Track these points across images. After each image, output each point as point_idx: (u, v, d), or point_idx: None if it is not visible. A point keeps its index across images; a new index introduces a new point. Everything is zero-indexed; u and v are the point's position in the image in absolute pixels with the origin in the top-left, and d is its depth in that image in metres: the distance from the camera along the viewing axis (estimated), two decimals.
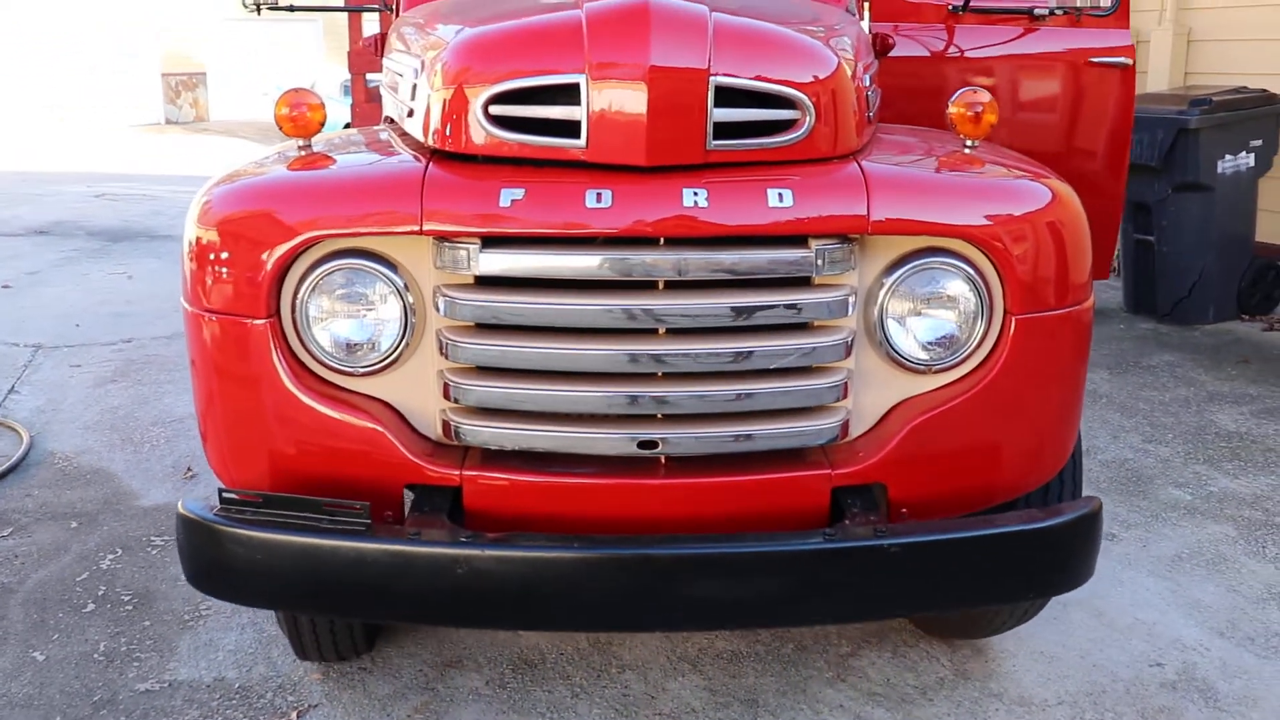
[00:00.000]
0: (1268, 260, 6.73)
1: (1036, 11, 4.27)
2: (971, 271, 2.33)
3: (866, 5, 4.31)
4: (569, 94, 2.21)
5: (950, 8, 4.14)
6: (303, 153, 2.40)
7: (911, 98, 3.70)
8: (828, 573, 2.21)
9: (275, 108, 2.40)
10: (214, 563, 2.24)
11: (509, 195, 2.18)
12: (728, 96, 2.23)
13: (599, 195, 2.18)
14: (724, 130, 2.25)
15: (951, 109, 2.51)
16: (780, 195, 2.22)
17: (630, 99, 2.19)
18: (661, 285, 2.24)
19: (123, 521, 3.85)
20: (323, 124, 2.42)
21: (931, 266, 2.32)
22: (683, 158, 2.24)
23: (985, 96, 2.49)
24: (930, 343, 2.36)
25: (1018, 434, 2.44)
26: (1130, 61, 4.60)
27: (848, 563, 2.20)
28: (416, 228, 2.18)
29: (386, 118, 3.14)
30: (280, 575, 2.22)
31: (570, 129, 2.22)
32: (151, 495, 4.07)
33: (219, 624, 3.17)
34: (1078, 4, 4.37)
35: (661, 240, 2.21)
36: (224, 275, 2.27)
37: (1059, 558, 2.33)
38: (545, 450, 2.29)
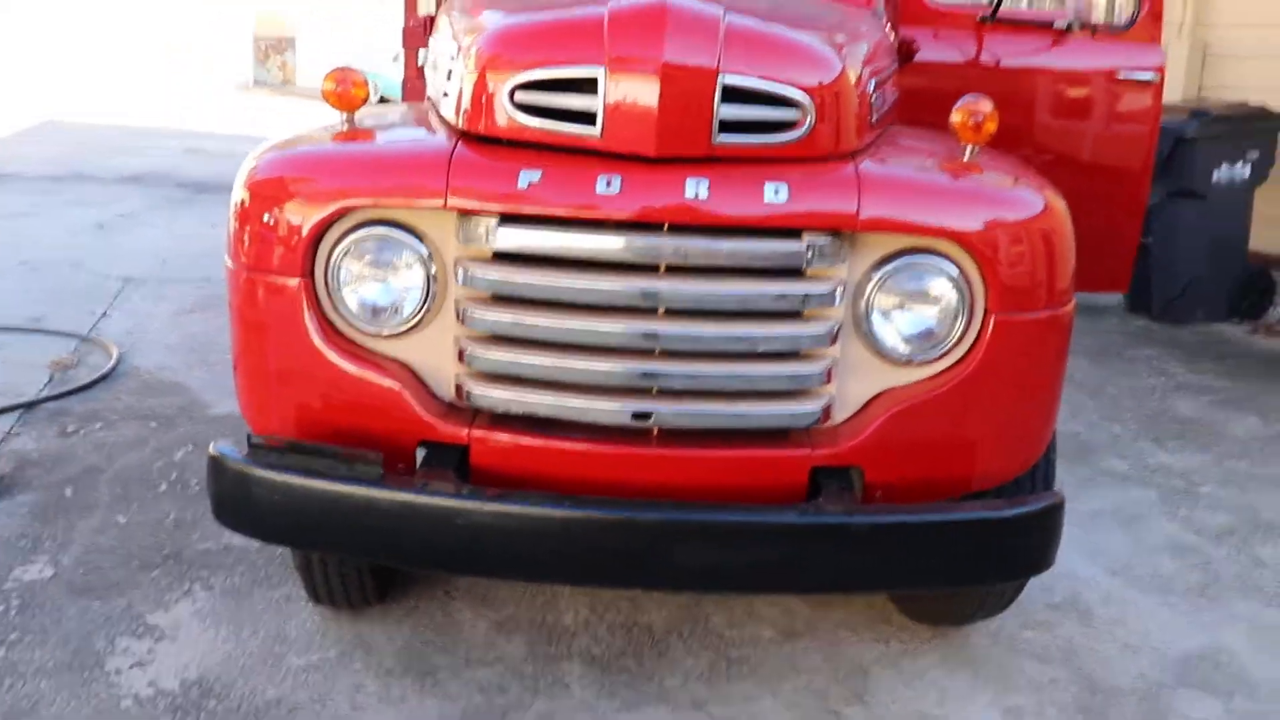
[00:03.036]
0: (1260, 267, 7.11)
1: (1056, 24, 4.48)
2: (955, 271, 2.46)
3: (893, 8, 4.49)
4: (588, 85, 2.38)
5: (979, 17, 4.24)
6: (346, 126, 2.60)
7: (941, 100, 3.87)
8: (798, 546, 2.36)
9: (322, 83, 2.61)
10: (239, 500, 2.45)
11: (527, 177, 2.35)
12: (734, 94, 2.38)
13: (609, 181, 2.34)
14: (729, 126, 2.40)
15: (954, 116, 2.61)
16: (776, 190, 2.37)
17: (643, 93, 2.34)
18: (663, 268, 2.40)
19: (195, 425, 4.52)
20: (365, 100, 2.61)
21: (917, 264, 2.45)
22: (689, 150, 2.39)
23: (987, 105, 2.59)
24: (911, 336, 2.50)
25: (992, 427, 2.57)
26: (1158, 78, 4.51)
27: (817, 537, 2.35)
28: (441, 202, 2.36)
29: (428, 96, 3.50)
30: (297, 515, 2.41)
31: (587, 118, 2.39)
32: (220, 407, 4.72)
33: None
34: (1095, 20, 4.51)
35: (665, 226, 2.37)
36: (264, 236, 2.47)
37: (1020, 545, 2.50)
38: (547, 416, 2.46)
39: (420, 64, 4.83)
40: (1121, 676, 3.07)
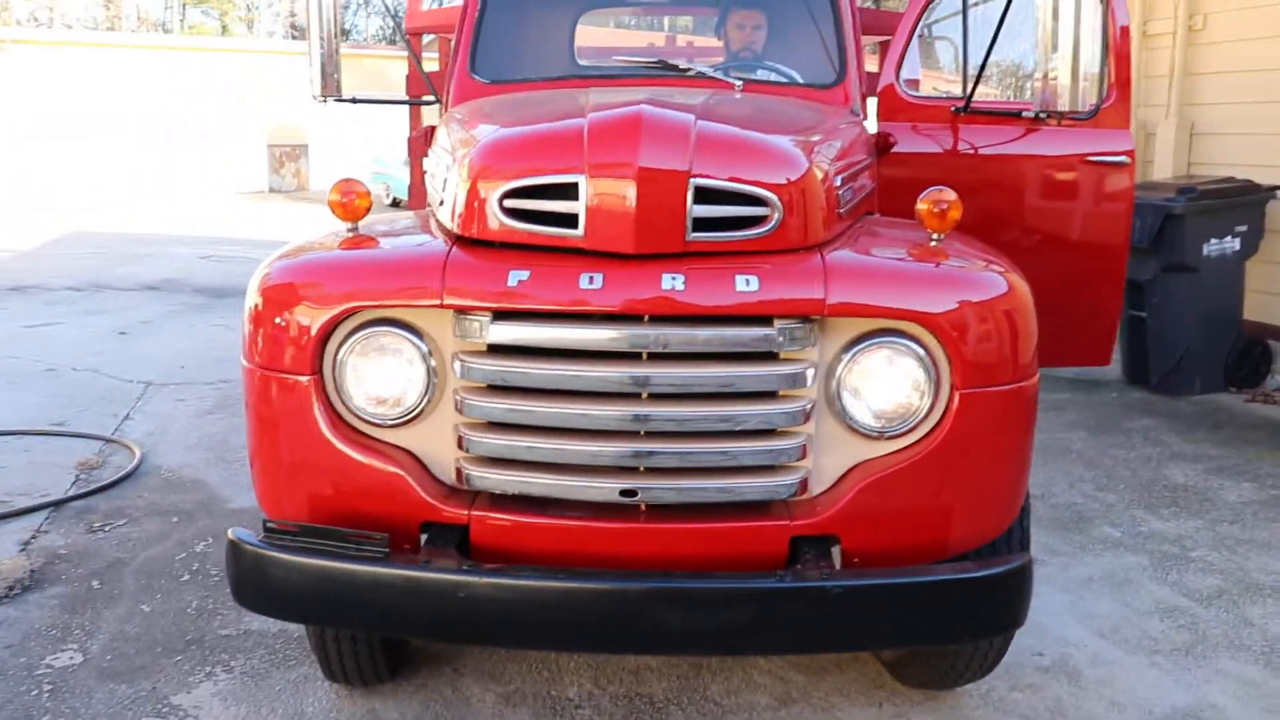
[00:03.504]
0: (1254, 337, 7.27)
1: (1024, 114, 4.72)
2: (920, 351, 2.60)
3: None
4: (571, 191, 2.57)
5: (953, 109, 4.41)
6: (350, 234, 2.80)
7: (922, 188, 3.96)
8: (778, 609, 2.48)
9: (329, 194, 2.83)
10: (257, 581, 2.59)
11: (516, 276, 2.53)
12: (706, 195, 2.57)
13: (591, 278, 2.52)
14: (702, 224, 2.58)
15: (920, 205, 2.80)
16: (747, 281, 2.53)
17: (621, 195, 2.53)
18: (645, 356, 2.56)
19: (214, 519, 4.69)
20: (368, 209, 2.83)
21: (885, 345, 2.61)
22: (665, 247, 2.56)
23: (950, 194, 2.77)
24: (881, 412, 2.64)
25: (963, 496, 2.70)
26: (1129, 160, 4.71)
27: (796, 601, 2.47)
28: (438, 301, 2.55)
29: (427, 203, 3.54)
30: (310, 593, 2.55)
31: (570, 220, 2.57)
32: (238, 501, 4.90)
33: None
34: (1061, 109, 4.72)
35: (646, 318, 2.54)
36: (276, 337, 2.66)
37: (989, 605, 2.59)
38: (541, 495, 2.62)
39: (424, 171, 5.11)
40: None
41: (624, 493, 2.59)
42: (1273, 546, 4.58)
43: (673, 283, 2.52)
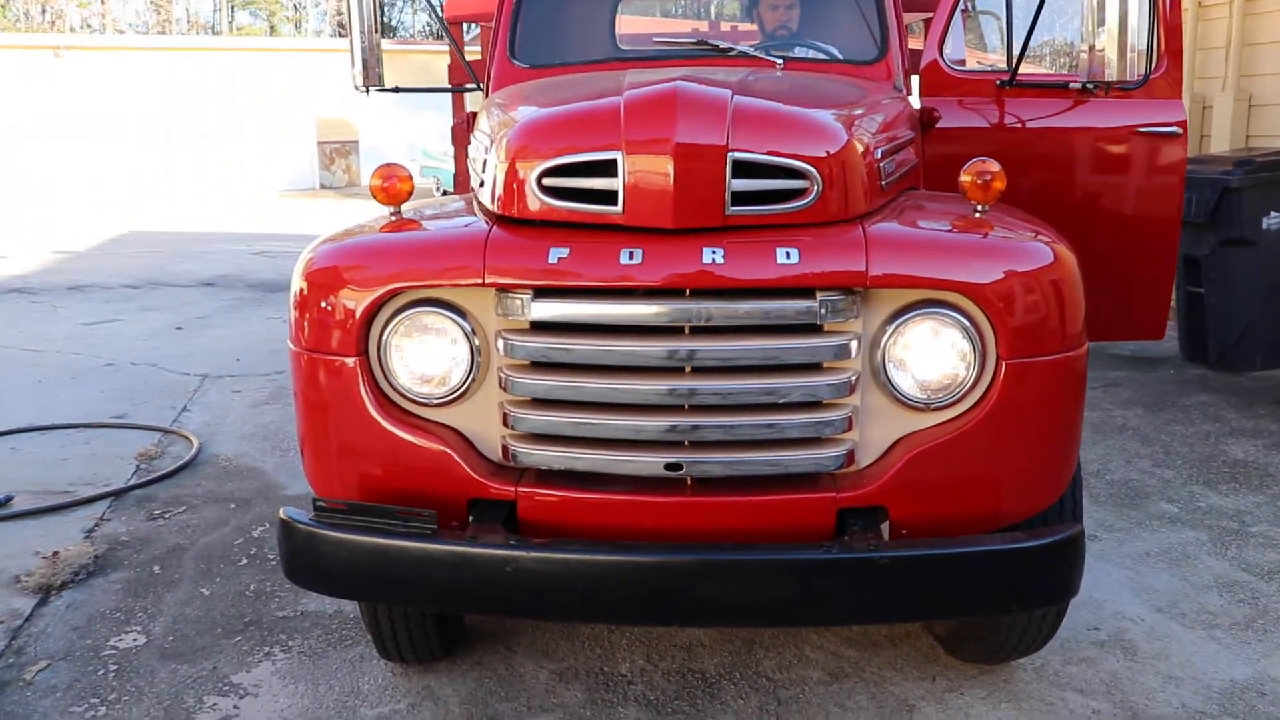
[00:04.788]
0: None
1: (1072, 85, 4.71)
2: (965, 321, 2.59)
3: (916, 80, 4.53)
4: (609, 168, 2.58)
5: (998, 83, 4.37)
6: (393, 218, 2.83)
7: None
8: (826, 580, 2.49)
9: (370, 179, 2.85)
10: (308, 560, 2.63)
11: (556, 253, 2.55)
12: (744, 169, 2.57)
13: (631, 254, 2.53)
14: (740, 197, 2.58)
15: (963, 177, 2.78)
16: (787, 253, 2.53)
17: (659, 171, 2.54)
18: (687, 330, 2.57)
19: (270, 505, 4.77)
20: (410, 193, 2.84)
21: (929, 316, 2.59)
22: (704, 221, 2.57)
23: (994, 165, 2.76)
24: (926, 384, 2.63)
25: (1011, 467, 2.69)
26: (1180, 131, 4.64)
27: (844, 572, 2.47)
28: (480, 280, 2.57)
29: (471, 186, 3.55)
30: (361, 570, 2.59)
31: (609, 197, 2.58)
32: (294, 488, 4.97)
33: None
34: (1109, 80, 4.69)
35: (687, 291, 2.55)
36: (322, 320, 2.68)
37: (1039, 575, 2.57)
38: (587, 470, 2.65)
39: (467, 157, 5.13)
40: (1163, 707, 3.14)
41: (669, 466, 2.60)
42: None
43: (713, 256, 2.52)
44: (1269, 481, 4.97)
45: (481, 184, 2.95)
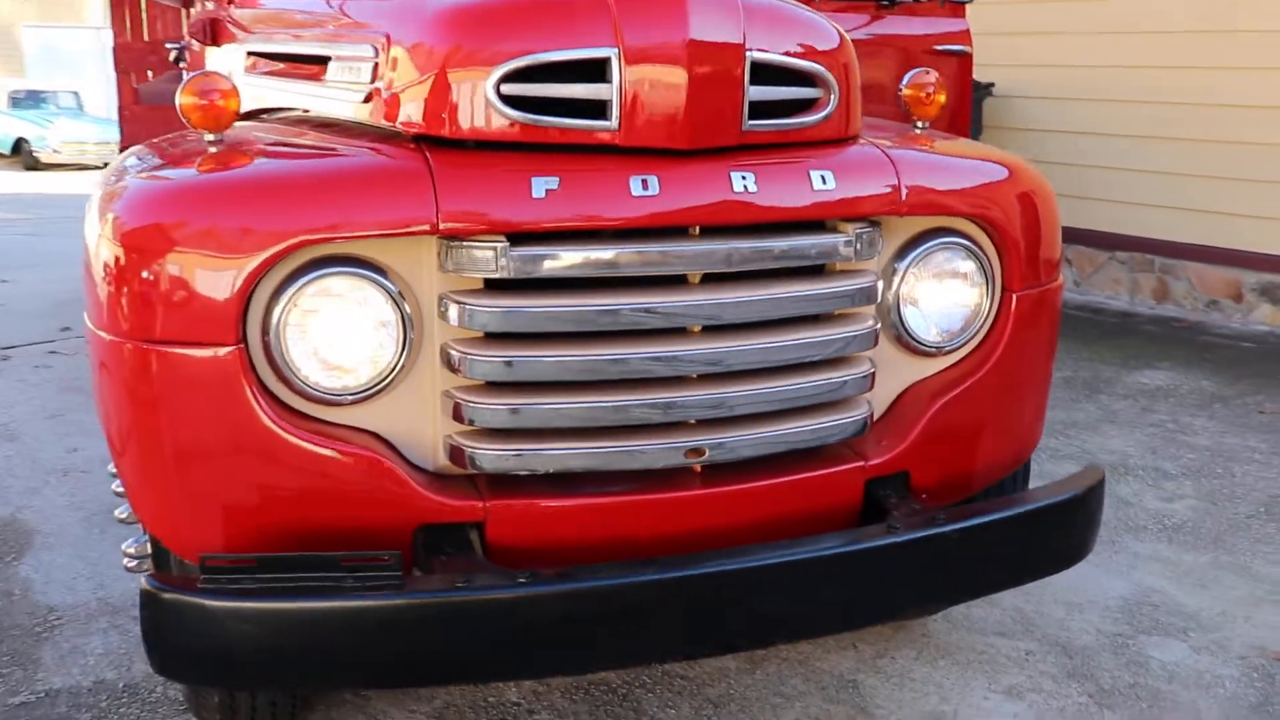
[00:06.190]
0: None
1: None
2: (978, 251, 2.32)
3: None
4: (595, 71, 1.99)
5: None
6: (215, 148, 2.07)
7: None
8: (897, 567, 2.09)
9: (180, 95, 2.07)
10: (201, 645, 1.82)
11: (543, 185, 1.94)
12: (761, 74, 2.08)
13: (645, 181, 1.98)
14: (756, 110, 2.10)
15: (905, 91, 2.48)
16: (823, 178, 2.11)
17: (667, 77, 1.98)
18: (696, 279, 2.09)
19: None
20: (237, 114, 2.11)
21: (943, 247, 2.28)
22: (721, 139, 2.07)
23: (933, 76, 2.48)
24: (944, 323, 2.33)
25: (1017, 409, 2.45)
26: (968, 49, 4.73)
27: (913, 555, 2.09)
28: (431, 226, 1.90)
29: (270, 110, 2.78)
30: (289, 650, 1.84)
31: (596, 109, 2.00)
32: None
33: (75, 630, 3.05)
34: None
35: (697, 229, 2.06)
36: (168, 298, 1.87)
37: (1079, 527, 2.33)
38: (583, 470, 2.07)
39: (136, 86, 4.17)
40: (1083, 636, 3.04)
41: (690, 452, 2.09)
42: None
43: (744, 183, 2.03)
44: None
45: (366, 98, 2.23)
